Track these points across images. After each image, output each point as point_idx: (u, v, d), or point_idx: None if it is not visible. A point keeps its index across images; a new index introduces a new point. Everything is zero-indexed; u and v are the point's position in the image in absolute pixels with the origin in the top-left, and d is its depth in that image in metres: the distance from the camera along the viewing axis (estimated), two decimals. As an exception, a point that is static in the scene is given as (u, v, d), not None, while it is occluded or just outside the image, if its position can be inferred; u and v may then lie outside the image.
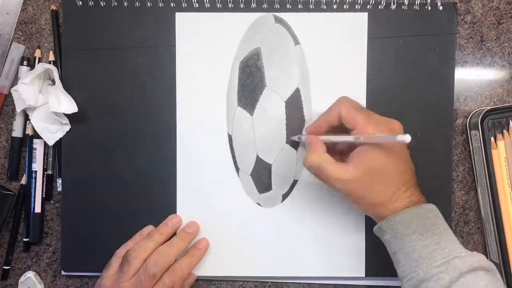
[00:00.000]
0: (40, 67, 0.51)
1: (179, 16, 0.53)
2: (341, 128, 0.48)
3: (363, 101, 0.54)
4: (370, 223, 0.52)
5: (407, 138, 0.40)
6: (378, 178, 0.44)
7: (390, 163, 0.44)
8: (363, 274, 0.54)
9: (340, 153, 0.50)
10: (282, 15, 0.54)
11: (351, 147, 0.46)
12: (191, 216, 0.54)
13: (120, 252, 0.51)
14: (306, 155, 0.47)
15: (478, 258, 0.42)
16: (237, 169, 0.54)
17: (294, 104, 0.54)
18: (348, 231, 0.54)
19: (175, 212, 0.54)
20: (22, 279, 0.55)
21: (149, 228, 0.54)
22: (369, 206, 0.46)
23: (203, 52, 0.54)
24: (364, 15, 0.53)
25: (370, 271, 0.54)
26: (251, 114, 0.54)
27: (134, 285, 0.48)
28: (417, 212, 0.44)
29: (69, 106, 0.52)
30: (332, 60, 0.54)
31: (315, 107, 0.54)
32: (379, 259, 0.52)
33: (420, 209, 0.44)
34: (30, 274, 0.55)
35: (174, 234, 0.54)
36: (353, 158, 0.45)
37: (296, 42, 0.54)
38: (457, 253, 0.42)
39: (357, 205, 0.47)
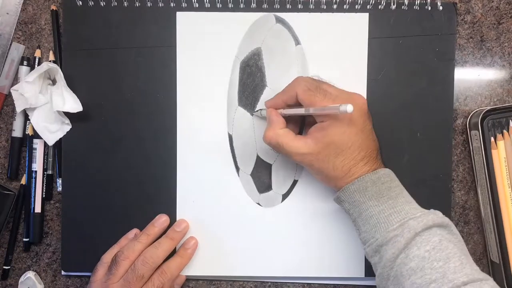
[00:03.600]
0: (45, 65, 0.51)
1: (180, 16, 0.53)
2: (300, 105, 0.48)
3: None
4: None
5: (349, 108, 0.40)
6: (335, 152, 0.45)
7: (348, 138, 0.45)
8: (363, 274, 0.54)
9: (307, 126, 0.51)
10: (282, 15, 0.54)
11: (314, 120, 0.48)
12: (191, 215, 0.54)
13: (106, 257, 0.51)
14: (265, 131, 0.48)
15: (432, 217, 0.43)
16: (237, 169, 0.54)
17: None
18: (348, 231, 0.54)
19: (175, 211, 0.54)
20: (22, 279, 0.55)
21: (135, 230, 0.54)
22: (327, 178, 0.47)
23: (204, 52, 0.54)
24: (365, 16, 0.53)
25: (370, 271, 0.54)
26: (252, 114, 0.54)
27: (122, 286, 0.48)
28: (371, 179, 0.45)
29: (74, 105, 0.52)
30: (333, 61, 0.54)
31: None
32: (379, 259, 0.52)
33: (374, 175, 0.45)
34: (30, 274, 0.55)
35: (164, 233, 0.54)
36: (312, 132, 0.46)
37: (297, 42, 0.54)
38: (412, 214, 0.43)
39: (318, 177, 0.48)
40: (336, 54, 0.54)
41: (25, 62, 0.54)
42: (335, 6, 0.53)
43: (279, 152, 0.49)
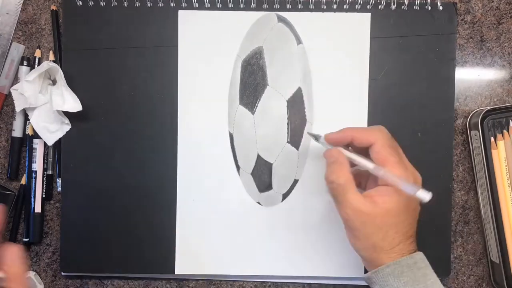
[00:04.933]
0: (45, 65, 0.51)
1: (182, 14, 0.53)
2: (354, 148, 0.46)
3: (364, 101, 0.54)
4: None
5: (428, 196, 0.39)
6: (390, 222, 0.43)
7: (406, 212, 0.43)
8: (362, 274, 0.54)
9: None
10: (284, 14, 0.54)
11: (361, 174, 0.46)
12: (191, 214, 0.54)
13: None
14: (332, 168, 0.44)
15: None
16: (238, 168, 0.54)
17: (296, 104, 0.54)
18: (348, 231, 0.54)
19: (175, 211, 0.54)
20: (22, 279, 0.55)
21: None
22: (370, 247, 0.43)
23: (206, 50, 0.54)
24: (367, 15, 0.53)
25: (370, 271, 0.54)
26: (253, 113, 0.54)
27: None
28: (408, 264, 0.42)
29: (74, 104, 0.52)
30: (335, 60, 0.54)
31: (317, 106, 0.54)
32: (379, 259, 0.52)
33: (411, 260, 0.43)
34: (30, 274, 0.55)
35: None
36: (373, 194, 0.43)
37: (299, 41, 0.54)
38: None
39: (360, 242, 0.44)
40: (338, 54, 0.54)
41: (25, 62, 0.54)
42: (335, 6, 0.53)
43: (332, 196, 0.44)
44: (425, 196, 0.39)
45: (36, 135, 0.54)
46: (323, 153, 0.47)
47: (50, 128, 0.53)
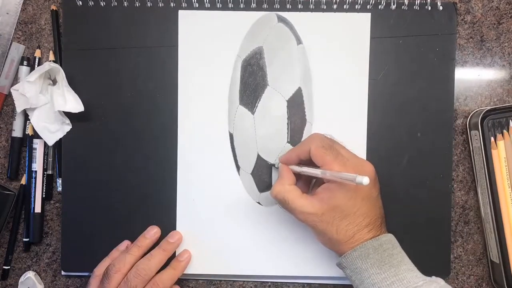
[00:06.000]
0: (46, 65, 0.51)
1: (182, 14, 0.53)
2: (307, 162, 0.48)
3: (364, 101, 0.54)
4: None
5: (365, 180, 0.40)
6: (340, 216, 0.45)
7: (354, 203, 0.45)
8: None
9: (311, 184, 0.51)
10: (284, 14, 0.54)
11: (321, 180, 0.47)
12: (191, 214, 0.54)
13: (98, 270, 0.51)
14: (274, 185, 0.49)
15: (435, 286, 0.43)
16: (238, 167, 0.54)
17: (296, 104, 0.54)
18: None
19: (175, 210, 0.54)
20: (22, 279, 0.55)
21: (126, 242, 0.54)
22: (330, 241, 0.47)
23: (206, 50, 0.54)
24: (367, 16, 0.53)
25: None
26: (253, 113, 0.54)
27: None
28: (373, 245, 0.45)
29: (76, 105, 0.52)
30: (335, 60, 0.54)
31: (317, 106, 0.54)
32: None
33: (376, 242, 0.45)
34: (30, 274, 0.55)
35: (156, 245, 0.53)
36: (319, 193, 0.46)
37: (299, 41, 0.54)
38: (414, 283, 0.43)
39: (320, 238, 0.48)
40: (338, 54, 0.54)
41: (25, 62, 0.54)
42: (335, 6, 0.53)
43: (284, 208, 0.48)
44: (363, 180, 0.40)
45: (36, 135, 0.54)
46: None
47: (50, 128, 0.53)
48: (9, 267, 0.56)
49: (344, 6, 0.53)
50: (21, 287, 0.55)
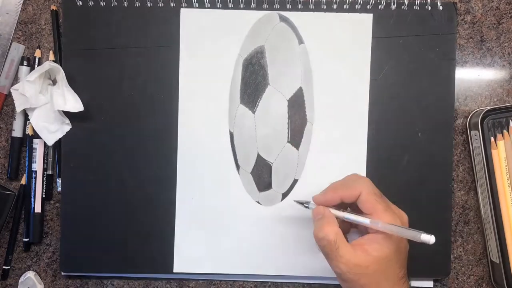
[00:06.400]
0: (46, 65, 0.51)
1: (184, 13, 0.53)
2: (345, 205, 0.46)
3: (365, 102, 0.54)
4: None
5: (432, 239, 0.39)
6: (382, 269, 0.43)
7: (396, 255, 0.43)
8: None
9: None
10: (286, 14, 0.54)
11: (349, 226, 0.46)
12: (190, 213, 0.54)
13: None
14: (320, 225, 0.44)
15: None
16: (238, 167, 0.54)
17: (297, 103, 0.54)
18: (348, 231, 0.54)
19: (174, 209, 0.54)
20: (22, 279, 0.55)
21: None
22: None
23: (207, 49, 0.54)
24: (369, 16, 0.53)
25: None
26: (253, 112, 0.54)
27: None
28: None
29: (76, 104, 0.52)
30: (336, 60, 0.54)
31: (318, 106, 0.54)
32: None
33: None
34: (30, 274, 0.55)
35: None
36: (363, 242, 0.43)
37: (300, 41, 0.54)
38: None
39: None
40: (339, 54, 0.54)
41: (25, 62, 0.54)
42: (335, 6, 0.53)
43: (325, 253, 0.44)
44: (429, 239, 0.39)
45: (36, 135, 0.54)
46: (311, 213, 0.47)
47: (50, 128, 0.53)
48: (9, 267, 0.56)
49: (344, 6, 0.53)
50: (21, 287, 0.55)
